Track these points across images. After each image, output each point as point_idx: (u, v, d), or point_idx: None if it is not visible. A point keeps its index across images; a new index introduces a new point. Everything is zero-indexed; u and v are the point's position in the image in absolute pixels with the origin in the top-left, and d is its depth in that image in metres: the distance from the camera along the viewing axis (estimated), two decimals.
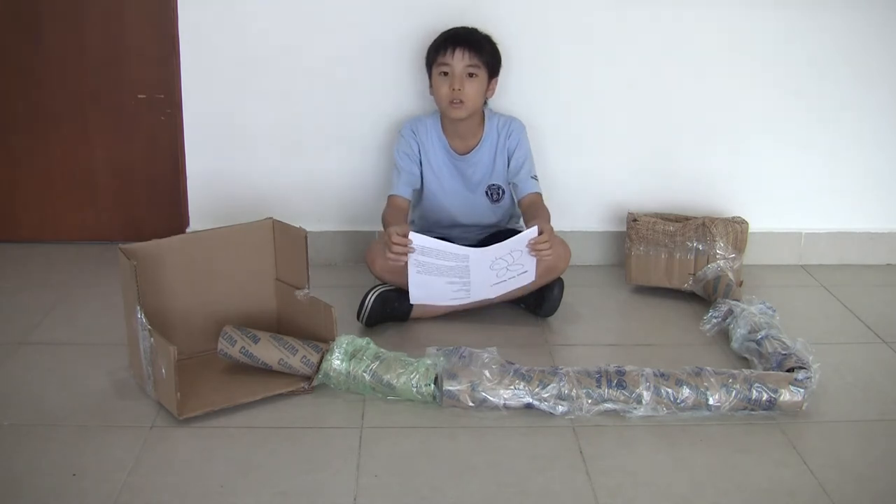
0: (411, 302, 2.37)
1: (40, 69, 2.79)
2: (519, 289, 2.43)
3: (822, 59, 2.78)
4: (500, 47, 2.54)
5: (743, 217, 2.73)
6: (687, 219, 2.70)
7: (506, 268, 2.29)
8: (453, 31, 2.51)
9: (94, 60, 2.79)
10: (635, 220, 2.68)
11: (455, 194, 2.58)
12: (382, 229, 2.46)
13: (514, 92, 2.68)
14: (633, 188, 2.85)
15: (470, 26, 2.53)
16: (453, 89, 2.43)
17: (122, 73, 2.80)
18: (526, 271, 2.32)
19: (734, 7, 2.71)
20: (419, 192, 2.61)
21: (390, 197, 2.54)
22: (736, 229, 2.64)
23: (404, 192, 2.53)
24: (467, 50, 2.43)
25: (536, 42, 2.69)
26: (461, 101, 2.44)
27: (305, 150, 2.78)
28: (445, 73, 2.45)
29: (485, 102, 2.55)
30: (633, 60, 2.75)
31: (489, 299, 2.42)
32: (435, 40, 2.51)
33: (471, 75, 2.44)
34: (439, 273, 2.27)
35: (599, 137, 2.81)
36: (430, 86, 2.53)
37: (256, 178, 2.79)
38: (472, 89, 2.44)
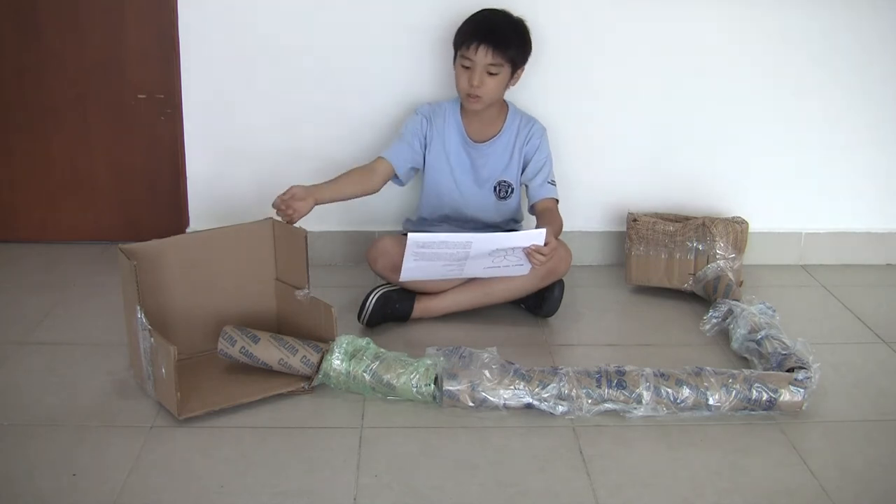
0: (400, 280, 2.32)
1: (40, 69, 2.79)
2: (519, 289, 2.44)
3: (822, 59, 2.78)
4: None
5: (743, 217, 2.73)
6: (687, 219, 2.70)
7: (503, 257, 2.29)
8: (482, 20, 2.44)
9: (94, 60, 2.79)
10: (635, 220, 2.68)
11: (462, 183, 2.55)
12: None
13: (512, 92, 2.68)
14: (633, 188, 2.85)
15: (500, 11, 2.46)
16: (471, 84, 2.41)
17: (122, 73, 2.80)
18: (521, 264, 2.32)
19: (735, 7, 2.71)
20: (421, 179, 2.58)
21: (378, 158, 2.48)
22: (736, 229, 2.64)
23: (394, 160, 2.47)
24: (491, 48, 2.37)
25: (535, 42, 2.68)
26: (478, 96, 2.43)
27: (305, 150, 2.78)
28: (466, 67, 2.41)
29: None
30: (634, 60, 2.75)
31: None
32: (464, 24, 2.45)
33: (492, 73, 2.41)
34: (437, 259, 2.25)
35: (599, 137, 2.81)
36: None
37: (256, 178, 2.78)
38: (490, 85, 2.41)
